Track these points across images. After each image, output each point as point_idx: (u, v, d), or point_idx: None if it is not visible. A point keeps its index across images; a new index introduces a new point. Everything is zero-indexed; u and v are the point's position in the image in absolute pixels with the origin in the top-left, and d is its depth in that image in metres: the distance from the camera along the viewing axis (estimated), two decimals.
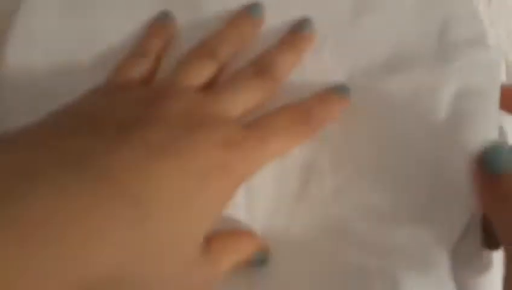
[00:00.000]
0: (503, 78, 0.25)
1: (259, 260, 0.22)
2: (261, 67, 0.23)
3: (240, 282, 0.22)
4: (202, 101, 0.21)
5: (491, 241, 0.21)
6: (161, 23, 0.25)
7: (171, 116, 0.19)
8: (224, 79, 0.23)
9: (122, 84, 0.22)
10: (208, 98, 0.21)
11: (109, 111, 0.19)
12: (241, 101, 0.22)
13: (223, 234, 0.21)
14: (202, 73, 0.23)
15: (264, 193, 0.23)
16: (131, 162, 0.17)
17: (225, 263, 0.20)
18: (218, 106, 0.21)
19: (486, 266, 0.22)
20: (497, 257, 0.22)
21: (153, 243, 0.17)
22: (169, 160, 0.18)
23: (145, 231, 0.16)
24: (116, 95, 0.21)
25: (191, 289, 0.19)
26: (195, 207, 0.18)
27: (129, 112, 0.19)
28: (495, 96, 0.24)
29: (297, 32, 0.25)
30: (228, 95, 0.22)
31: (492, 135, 0.23)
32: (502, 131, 0.24)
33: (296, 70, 0.25)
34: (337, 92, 0.24)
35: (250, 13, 0.25)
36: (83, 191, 0.16)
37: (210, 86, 0.23)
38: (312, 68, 0.25)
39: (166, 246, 0.17)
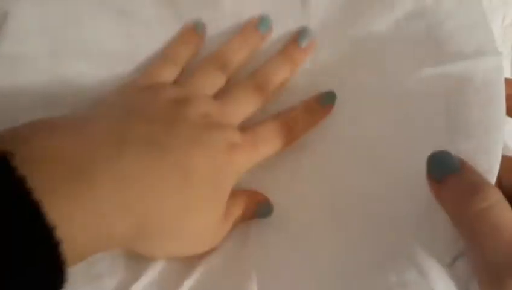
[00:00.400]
0: None
1: (264, 212, 0.27)
2: (260, 82, 0.27)
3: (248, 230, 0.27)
4: (214, 108, 0.26)
5: None
6: (193, 31, 0.28)
7: (195, 117, 0.25)
8: (230, 87, 0.28)
9: (153, 85, 0.27)
10: (218, 106, 0.26)
11: (152, 107, 0.24)
12: (242, 111, 0.27)
13: (231, 194, 0.26)
14: (215, 83, 0.28)
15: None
16: (176, 147, 0.23)
17: (235, 219, 0.26)
18: (225, 114, 0.26)
19: None
20: None
21: (193, 202, 0.23)
22: (199, 149, 0.23)
23: (189, 191, 0.22)
24: (151, 94, 0.26)
25: (212, 241, 0.25)
26: (219, 183, 0.24)
27: (167, 110, 0.24)
28: (501, 105, 0.23)
29: (295, 44, 0.28)
30: (232, 106, 0.27)
31: (498, 144, 0.23)
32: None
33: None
34: (321, 100, 0.28)
35: (259, 27, 0.28)
36: (150, 162, 0.21)
37: (219, 92, 0.28)
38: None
39: (204, 206, 0.24)
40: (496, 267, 0.18)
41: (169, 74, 0.28)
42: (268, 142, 0.27)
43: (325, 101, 0.27)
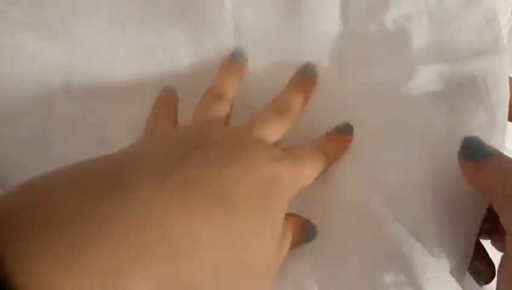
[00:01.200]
0: None
1: (311, 235, 0.25)
2: (280, 108, 0.26)
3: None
4: (244, 130, 0.24)
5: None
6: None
7: (221, 137, 0.22)
8: (253, 117, 0.26)
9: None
10: (247, 128, 0.24)
11: (181, 138, 0.22)
12: (273, 134, 0.24)
13: None
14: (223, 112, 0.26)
15: None
16: (209, 168, 0.19)
17: (287, 247, 0.23)
18: (259, 134, 0.24)
19: None
20: None
21: (240, 241, 0.18)
22: (238, 167, 0.20)
23: (232, 229, 0.18)
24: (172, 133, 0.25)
25: (269, 279, 0.21)
26: (268, 203, 0.20)
27: (184, 137, 0.22)
28: (506, 105, 0.23)
29: (303, 75, 0.28)
30: (262, 128, 0.24)
31: (501, 145, 0.22)
32: None
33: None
34: (339, 131, 0.27)
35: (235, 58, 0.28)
36: (172, 191, 0.17)
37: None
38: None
39: (252, 244, 0.19)
40: None
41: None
42: (310, 160, 0.25)
43: (343, 131, 0.27)
